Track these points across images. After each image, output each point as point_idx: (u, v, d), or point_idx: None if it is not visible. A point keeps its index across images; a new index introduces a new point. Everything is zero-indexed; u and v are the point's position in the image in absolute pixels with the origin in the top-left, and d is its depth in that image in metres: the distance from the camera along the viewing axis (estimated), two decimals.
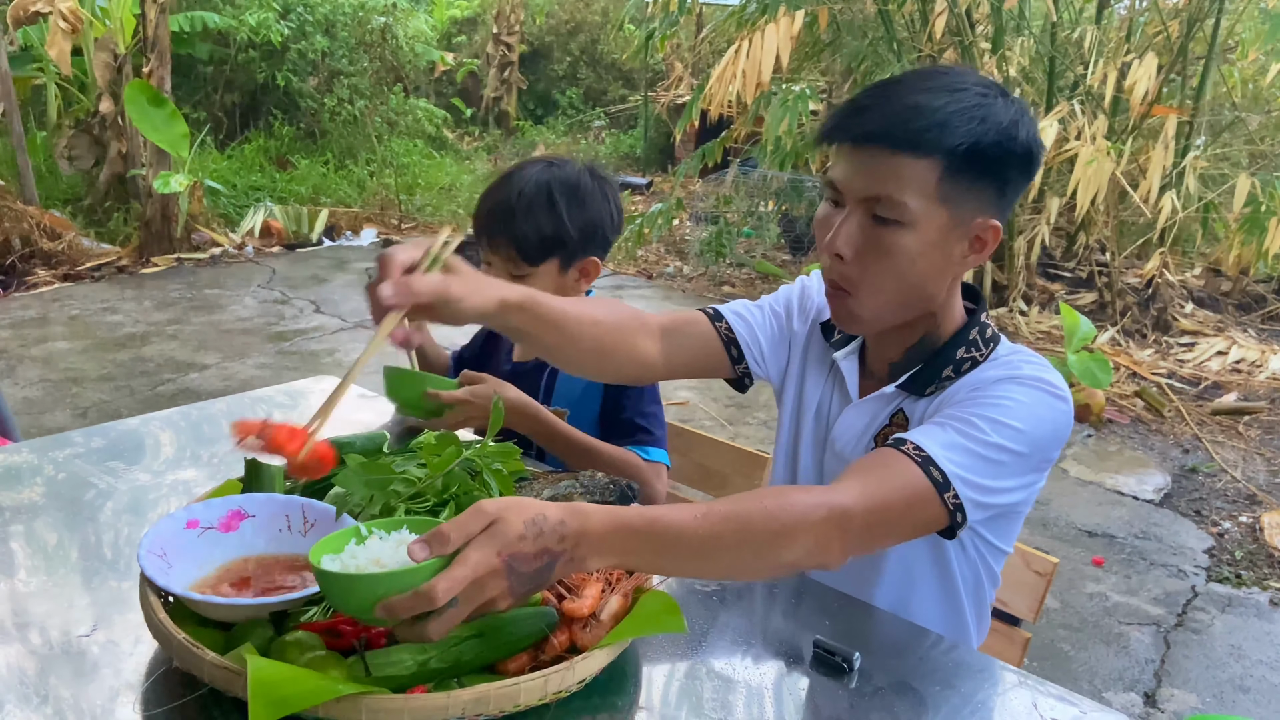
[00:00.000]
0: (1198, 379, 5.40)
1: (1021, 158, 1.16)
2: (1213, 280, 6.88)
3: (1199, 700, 2.69)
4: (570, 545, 0.92)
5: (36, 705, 0.95)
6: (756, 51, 5.70)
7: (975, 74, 1.19)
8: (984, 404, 1.15)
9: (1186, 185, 5.57)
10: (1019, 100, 1.18)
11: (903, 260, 1.16)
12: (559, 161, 1.74)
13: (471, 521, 0.89)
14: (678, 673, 1.08)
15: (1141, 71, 5.50)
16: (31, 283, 6.25)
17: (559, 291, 1.72)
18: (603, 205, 1.71)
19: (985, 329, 1.29)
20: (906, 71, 1.22)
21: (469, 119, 12.78)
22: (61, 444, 1.58)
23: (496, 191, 1.70)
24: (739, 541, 0.99)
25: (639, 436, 1.72)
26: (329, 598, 0.95)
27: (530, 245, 1.66)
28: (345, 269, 7.19)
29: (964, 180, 1.14)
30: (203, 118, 9.28)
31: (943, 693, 1.08)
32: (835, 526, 1.02)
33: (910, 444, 1.10)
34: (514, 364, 1.88)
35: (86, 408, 4.39)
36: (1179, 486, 4.14)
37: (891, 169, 1.13)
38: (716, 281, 7.30)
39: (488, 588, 0.88)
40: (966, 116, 1.12)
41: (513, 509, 0.90)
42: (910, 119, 1.12)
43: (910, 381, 1.28)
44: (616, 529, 0.95)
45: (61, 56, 6.69)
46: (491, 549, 0.88)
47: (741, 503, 1.02)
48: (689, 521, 0.98)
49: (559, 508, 0.93)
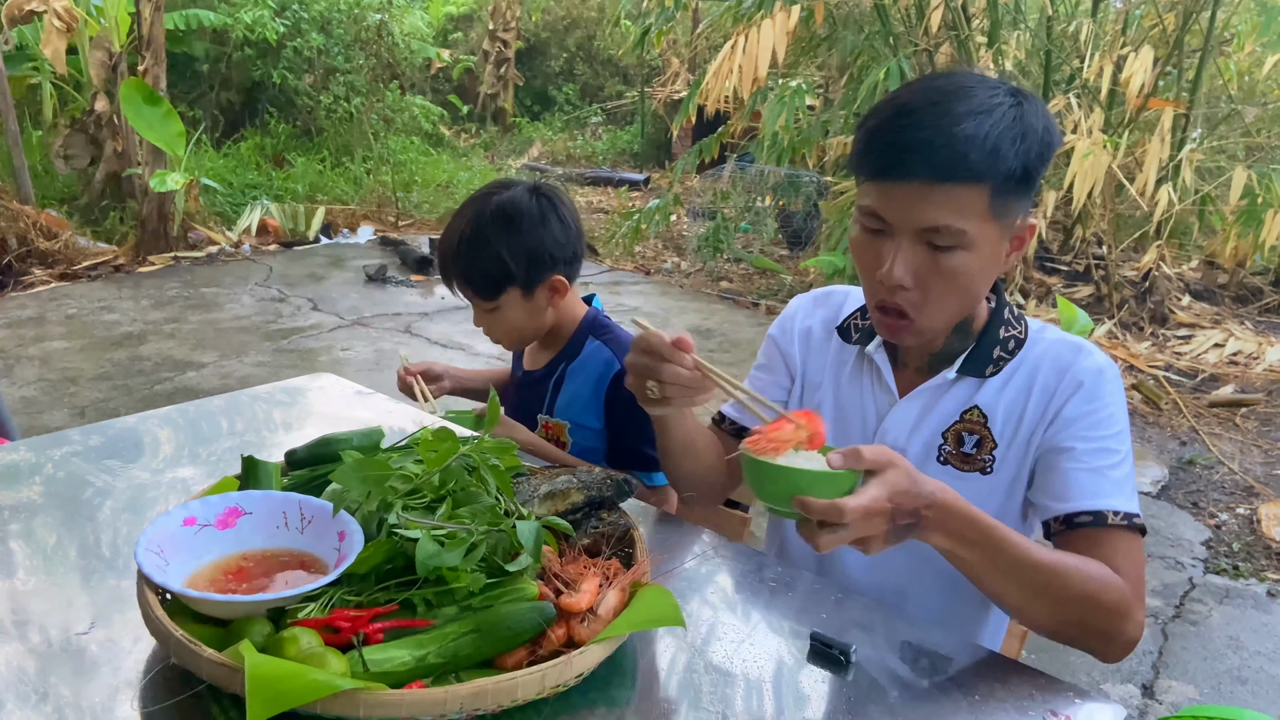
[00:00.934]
0: (1195, 371, 5.41)
1: (1049, 156, 1.19)
2: (1209, 273, 6.89)
3: (1197, 691, 2.70)
4: (932, 514, 1.04)
5: (35, 703, 0.96)
6: (753, 46, 5.69)
7: (991, 80, 1.20)
8: (1101, 418, 1.24)
9: (1183, 178, 5.57)
10: (1033, 96, 1.20)
11: (965, 279, 1.20)
12: (498, 190, 1.73)
13: (880, 454, 1.02)
14: (676, 667, 1.08)
15: (1137, 64, 5.50)
16: (28, 282, 6.24)
17: (532, 314, 1.77)
18: (541, 229, 1.70)
19: (1011, 309, 1.35)
20: (923, 88, 1.19)
21: (465, 116, 12.78)
22: (59, 442, 1.58)
23: (445, 237, 1.75)
24: (1048, 586, 1.13)
25: (645, 464, 1.76)
26: (751, 482, 1.06)
27: (481, 285, 1.72)
28: (343, 267, 7.18)
29: (1012, 195, 1.17)
30: (198, 116, 9.27)
31: (940, 684, 1.08)
32: (1130, 605, 1.16)
33: (1111, 514, 1.20)
34: (525, 371, 1.92)
35: (84, 407, 4.39)
36: (1176, 479, 4.15)
37: (944, 199, 1.15)
38: (714, 277, 7.30)
39: (874, 523, 1.00)
40: (1011, 137, 1.13)
41: (903, 463, 1.03)
42: (965, 151, 1.12)
43: (967, 365, 1.31)
44: (970, 517, 1.08)
45: (56, 55, 6.68)
46: (885, 492, 1.00)
47: (1070, 560, 1.15)
48: (1022, 544, 1.12)
49: (930, 478, 1.06)
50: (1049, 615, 1.16)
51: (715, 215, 7.64)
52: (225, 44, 9.43)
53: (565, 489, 1.24)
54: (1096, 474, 1.23)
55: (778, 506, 1.02)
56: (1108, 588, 1.15)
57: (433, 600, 1.02)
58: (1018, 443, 1.29)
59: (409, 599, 1.02)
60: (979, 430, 1.30)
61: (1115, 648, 1.17)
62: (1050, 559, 1.15)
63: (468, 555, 1.02)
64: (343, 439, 1.31)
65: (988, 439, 1.30)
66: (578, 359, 1.80)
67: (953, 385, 1.32)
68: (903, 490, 1.02)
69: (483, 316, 1.78)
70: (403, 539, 1.03)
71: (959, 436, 1.31)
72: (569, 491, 1.24)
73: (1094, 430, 1.24)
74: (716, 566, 1.33)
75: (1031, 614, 1.18)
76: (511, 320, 1.76)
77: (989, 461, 1.30)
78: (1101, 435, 1.24)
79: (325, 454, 1.29)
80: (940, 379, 1.32)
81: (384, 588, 1.03)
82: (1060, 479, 1.24)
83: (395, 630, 0.97)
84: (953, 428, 1.32)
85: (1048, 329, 1.34)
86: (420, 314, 6.07)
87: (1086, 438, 1.24)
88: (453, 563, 1.00)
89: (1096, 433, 1.24)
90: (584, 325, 1.83)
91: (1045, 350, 1.30)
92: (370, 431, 1.36)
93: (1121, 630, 1.16)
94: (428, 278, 6.96)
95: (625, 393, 1.71)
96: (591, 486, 1.25)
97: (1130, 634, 1.16)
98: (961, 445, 1.31)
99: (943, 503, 1.05)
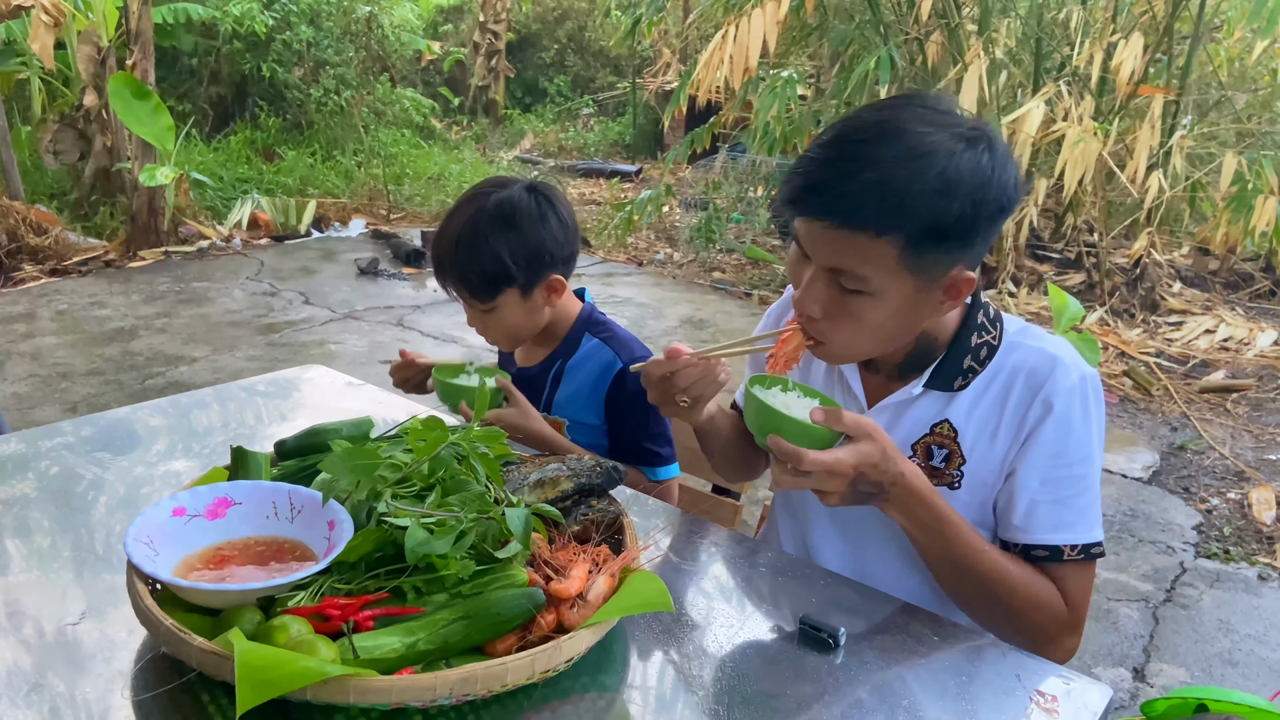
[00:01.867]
0: (1186, 357, 5.43)
1: (990, 215, 1.11)
2: (1200, 259, 6.91)
3: (1188, 674, 2.71)
4: (895, 491, 1.14)
5: (27, 694, 0.96)
6: (744, 36, 5.68)
7: (947, 117, 1.12)
8: (1070, 444, 1.23)
9: (1174, 164, 5.58)
10: (991, 139, 1.12)
11: (870, 324, 1.18)
12: (494, 188, 1.71)
13: (859, 425, 1.10)
14: (665, 651, 1.09)
15: (1128, 51, 5.51)
16: (19, 278, 6.22)
17: (530, 314, 1.75)
18: (539, 227, 1.68)
19: (988, 309, 1.31)
20: (862, 122, 1.13)
21: (457, 108, 12.73)
22: (50, 434, 1.58)
23: (440, 238, 1.72)
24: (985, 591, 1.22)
25: (651, 460, 1.76)
26: (745, 414, 1.19)
27: (478, 286, 1.69)
28: (334, 260, 7.17)
29: (928, 251, 1.11)
30: (188, 110, 9.23)
31: (928, 667, 1.09)
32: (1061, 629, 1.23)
33: (1068, 549, 1.23)
34: (520, 368, 1.89)
35: (76, 402, 4.38)
36: (1167, 464, 4.16)
37: (850, 245, 1.11)
38: (707, 268, 7.30)
39: (831, 482, 1.10)
40: (930, 192, 1.07)
41: (881, 439, 1.11)
42: (866, 201, 1.08)
43: (935, 378, 1.28)
44: (929, 505, 1.17)
45: (44, 50, 6.64)
46: (851, 459, 1.09)
47: (1017, 575, 1.22)
48: (973, 546, 1.20)
49: (906, 462, 1.15)
50: (979, 614, 1.26)
51: (707, 206, 7.64)
52: (214, 37, 9.38)
53: (555, 476, 1.25)
54: (1059, 505, 1.23)
55: (761, 440, 1.12)
56: (1043, 609, 1.22)
57: (422, 588, 1.02)
58: (992, 460, 1.26)
59: (399, 587, 1.02)
60: (948, 444, 1.29)
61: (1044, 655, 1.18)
62: (995, 569, 1.21)
63: (457, 543, 1.02)
64: (332, 429, 1.31)
65: (956, 454, 1.28)
66: (575, 356, 1.79)
67: (920, 398, 1.30)
68: (872, 463, 1.10)
69: (478, 317, 1.75)
70: (392, 527, 1.03)
71: (928, 449, 1.30)
72: (558, 479, 1.24)
73: (1063, 457, 1.23)
74: (706, 552, 1.34)
75: (964, 606, 1.27)
76: (509, 320, 1.73)
77: (957, 477, 1.28)
78: (1069, 462, 1.23)
79: (314, 444, 1.30)
80: (906, 392, 1.30)
81: (374, 576, 1.04)
82: (1022, 509, 1.24)
83: (385, 618, 0.98)
84: (922, 440, 1.30)
85: (1027, 331, 1.29)
86: (413, 307, 6.06)
87: (1054, 465, 1.23)
88: (442, 550, 1.00)
89: (1065, 459, 1.23)
90: (580, 322, 1.82)
91: (1021, 361, 1.25)
92: (360, 421, 1.36)
93: (1043, 649, 1.20)
94: (419, 270, 6.95)
95: (627, 390, 1.73)
96: (581, 474, 1.26)
97: (1055, 656, 1.19)
98: (930, 458, 1.30)
99: (908, 485, 1.15)
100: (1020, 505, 1.24)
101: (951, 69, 5.80)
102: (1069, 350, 1.27)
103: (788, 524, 1.50)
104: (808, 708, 1.00)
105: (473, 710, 0.95)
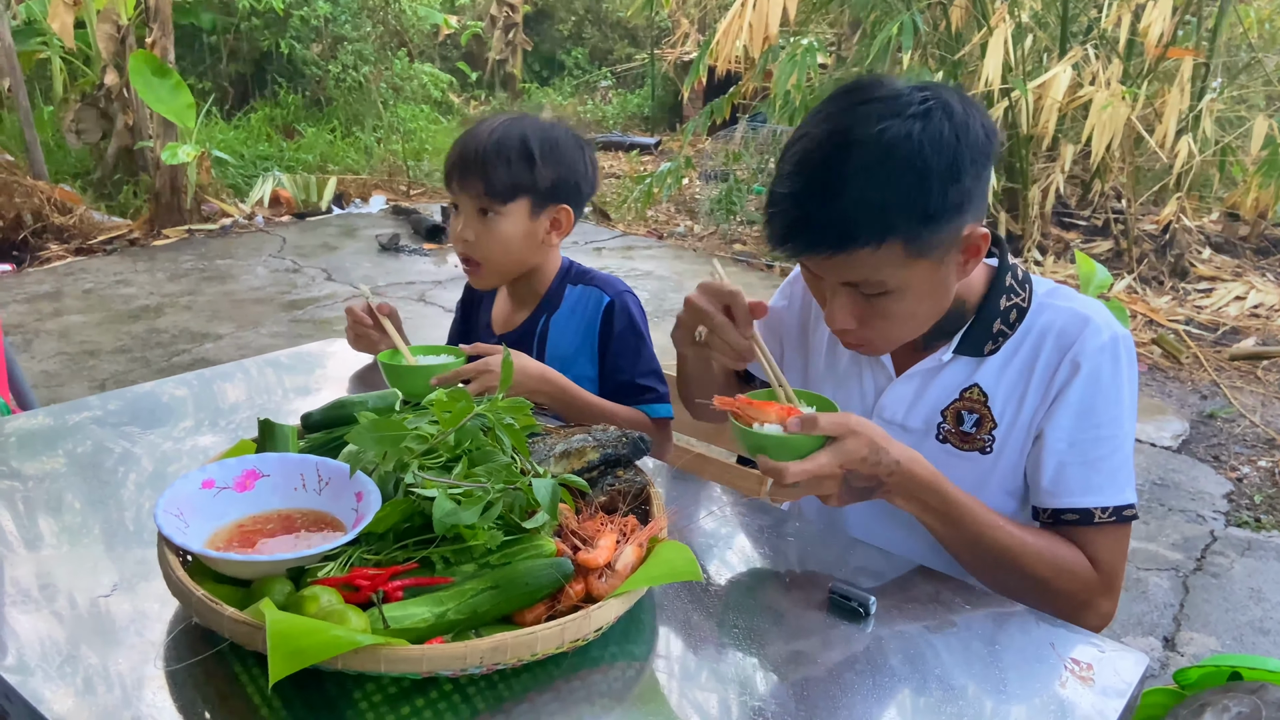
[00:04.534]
0: (1215, 325, 5.36)
1: (972, 167, 1.10)
2: (1230, 225, 6.80)
3: (1219, 643, 2.69)
4: (894, 480, 1.12)
5: (60, 665, 0.97)
6: (763, 4, 5.62)
7: (893, 103, 1.09)
8: (1100, 403, 1.21)
9: (1203, 129, 5.49)
10: (946, 101, 1.10)
11: (905, 314, 1.18)
12: (533, 116, 1.75)
13: (839, 425, 1.09)
14: (694, 620, 1.08)
15: (1156, 13, 5.40)
16: (45, 257, 6.27)
17: (528, 237, 1.71)
18: (577, 155, 1.71)
19: (1016, 270, 1.29)
20: (811, 148, 1.11)
21: (474, 82, 12.69)
22: (78, 409, 1.59)
23: (468, 135, 1.70)
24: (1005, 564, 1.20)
25: (645, 396, 1.74)
26: (733, 436, 1.19)
27: (500, 183, 1.65)
28: (355, 236, 7.18)
29: (931, 233, 1.10)
30: (208, 88, 9.25)
31: (960, 635, 1.08)
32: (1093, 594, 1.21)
33: (1099, 511, 1.21)
34: (499, 335, 1.85)
35: (104, 380, 4.42)
36: (1197, 432, 4.12)
37: (854, 262, 1.12)
38: (727, 240, 7.26)
39: (824, 485, 1.11)
40: (904, 191, 1.07)
41: (866, 432, 1.09)
42: (849, 224, 1.08)
43: (964, 343, 1.27)
44: (933, 487, 1.15)
45: (64, 29, 6.66)
46: (835, 460, 1.08)
47: (1037, 544, 1.20)
48: (986, 521, 1.18)
49: (901, 448, 1.13)
50: (1007, 589, 1.22)
51: (728, 177, 7.59)
52: (232, 14, 9.38)
53: (581, 447, 1.24)
54: (1088, 467, 1.22)
55: (752, 457, 1.14)
56: (1069, 576, 1.20)
57: (451, 558, 1.02)
58: (1020, 424, 1.26)
59: (427, 557, 1.02)
60: (979, 409, 1.28)
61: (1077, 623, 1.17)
62: (1012, 542, 1.19)
63: (485, 513, 1.02)
64: (358, 401, 1.31)
65: (987, 418, 1.27)
66: (560, 309, 1.78)
67: (949, 364, 1.29)
68: (859, 458, 1.09)
69: (475, 223, 1.69)
70: (420, 498, 1.03)
71: (958, 415, 1.29)
72: (584, 450, 1.24)
73: (1091, 417, 1.21)
74: (733, 522, 1.33)
75: (988, 582, 1.24)
76: (506, 234, 1.68)
77: (989, 441, 1.27)
78: (1098, 423, 1.21)
79: (341, 416, 1.29)
80: (935, 359, 1.29)
81: (402, 546, 1.04)
82: (1052, 471, 1.23)
83: (414, 588, 0.98)
84: (952, 405, 1.29)
85: (1057, 292, 1.28)
86: (434, 282, 6.07)
87: (1083, 426, 1.22)
88: (470, 520, 1.00)
89: (1093, 419, 1.21)
90: (560, 275, 1.81)
91: (1050, 322, 1.24)
92: (385, 394, 1.36)
93: (1077, 616, 1.19)
94: (440, 246, 6.95)
95: (616, 326, 1.72)
96: (607, 444, 1.25)
97: (1090, 622, 1.19)
98: (961, 424, 1.29)
99: (906, 470, 1.12)
100: (1048, 468, 1.23)
101: (976, 34, 5.71)
102: (1101, 310, 1.25)
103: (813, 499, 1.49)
104: (839, 677, 0.99)
105: (502, 679, 0.95)
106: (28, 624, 1.03)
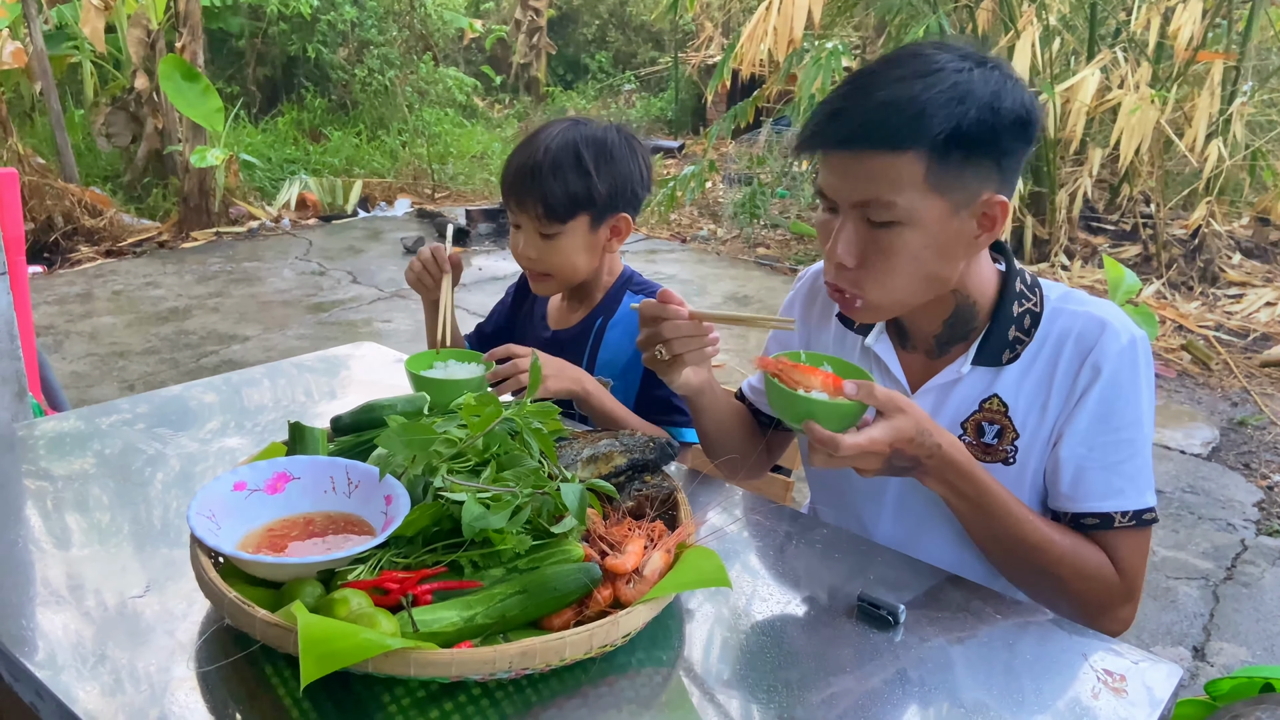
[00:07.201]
0: (1246, 331, 5.29)
1: (1012, 126, 1.11)
2: (1260, 229, 6.71)
3: (1249, 653, 2.66)
4: (933, 463, 1.13)
5: (93, 665, 0.97)
6: (788, 7, 5.61)
7: (952, 47, 1.14)
8: (1120, 406, 1.20)
9: (1233, 132, 5.43)
10: (1000, 64, 1.14)
11: (906, 258, 1.15)
12: (585, 120, 1.73)
13: (892, 400, 1.09)
14: (721, 627, 1.08)
15: (1186, 16, 5.35)
16: (75, 259, 6.35)
17: (590, 249, 1.72)
18: (631, 161, 1.70)
19: (1024, 275, 1.28)
20: (879, 59, 1.17)
21: (499, 86, 12.73)
22: (109, 411, 1.61)
23: (522, 151, 1.69)
24: (1030, 561, 1.20)
25: (675, 417, 1.72)
26: (770, 400, 1.15)
27: (558, 202, 1.65)
28: (380, 239, 7.22)
29: (954, 165, 1.10)
30: (236, 92, 9.33)
31: (990, 645, 1.07)
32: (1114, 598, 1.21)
33: (1119, 515, 1.21)
34: (554, 331, 1.86)
35: (133, 381, 4.47)
36: (1227, 440, 4.07)
37: (875, 170, 1.11)
38: (751, 244, 7.25)
39: (869, 459, 1.10)
40: (943, 100, 1.08)
41: (915, 414, 1.10)
42: (884, 116, 1.09)
43: (982, 353, 1.26)
44: (969, 475, 1.15)
45: (95, 34, 6.75)
46: (887, 437, 1.08)
47: (1063, 544, 1.20)
48: (1017, 516, 1.18)
49: (944, 433, 1.13)
50: (1027, 585, 1.24)
51: (751, 181, 7.57)
52: (260, 19, 9.46)
53: (608, 452, 1.24)
54: (1108, 470, 1.21)
55: (792, 425, 1.12)
56: (1093, 578, 1.20)
57: (479, 562, 1.03)
58: (1042, 433, 1.24)
59: (456, 561, 1.02)
60: (999, 420, 1.26)
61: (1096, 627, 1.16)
62: (1040, 538, 1.19)
63: (513, 518, 1.02)
64: (387, 405, 1.31)
65: (1009, 429, 1.26)
66: (617, 315, 1.78)
67: (967, 376, 1.27)
68: (908, 438, 1.09)
69: (536, 242, 1.70)
70: (448, 502, 1.03)
71: (979, 427, 1.27)
72: (611, 455, 1.24)
73: (1111, 420, 1.20)
74: (760, 529, 1.32)
75: (1011, 578, 1.25)
76: (566, 249, 1.70)
77: (1011, 452, 1.26)
78: (1118, 426, 1.20)
79: (370, 420, 1.30)
80: (953, 372, 1.28)
81: (431, 550, 1.04)
82: (1071, 474, 1.22)
83: (443, 591, 0.98)
84: (972, 418, 1.28)
85: (1071, 296, 1.26)
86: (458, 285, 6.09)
87: (1102, 430, 1.20)
88: (498, 525, 1.00)
89: (1113, 423, 1.20)
90: (621, 281, 1.81)
91: (1068, 327, 1.23)
92: (414, 397, 1.36)
93: (1097, 620, 1.19)
94: (465, 249, 6.98)
95: None
96: (634, 450, 1.25)
97: (1109, 627, 1.19)
98: (982, 435, 1.27)
99: (946, 455, 1.13)
100: (1068, 472, 1.22)
101: (1003, 36, 5.68)
102: (1117, 313, 1.24)
103: (833, 503, 1.48)
104: (868, 685, 0.99)
105: (530, 684, 0.96)
106: (59, 623, 1.04)
